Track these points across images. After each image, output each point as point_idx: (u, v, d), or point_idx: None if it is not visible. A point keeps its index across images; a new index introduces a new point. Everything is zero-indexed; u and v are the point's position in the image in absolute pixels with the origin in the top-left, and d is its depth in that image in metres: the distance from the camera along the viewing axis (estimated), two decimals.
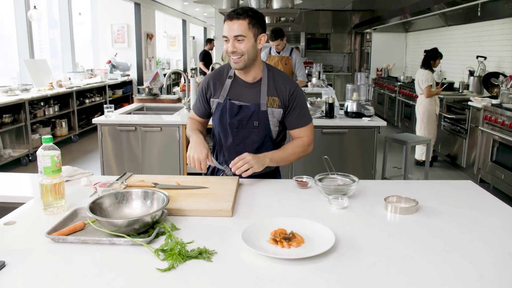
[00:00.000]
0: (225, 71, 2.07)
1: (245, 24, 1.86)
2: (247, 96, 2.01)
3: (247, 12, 1.87)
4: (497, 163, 4.57)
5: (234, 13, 1.87)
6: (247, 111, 1.99)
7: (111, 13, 10.11)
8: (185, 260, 1.18)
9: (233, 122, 2.00)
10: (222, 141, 2.08)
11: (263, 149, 2.03)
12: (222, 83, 2.04)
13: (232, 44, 1.87)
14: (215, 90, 2.05)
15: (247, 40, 1.87)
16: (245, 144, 2.03)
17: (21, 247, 1.27)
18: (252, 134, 2.02)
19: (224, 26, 1.90)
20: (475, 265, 1.19)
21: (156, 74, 5.14)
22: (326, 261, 1.19)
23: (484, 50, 6.10)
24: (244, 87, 2.02)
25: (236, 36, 1.86)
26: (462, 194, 1.80)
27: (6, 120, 5.47)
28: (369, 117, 3.82)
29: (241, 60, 1.89)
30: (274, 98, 2.01)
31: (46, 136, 1.51)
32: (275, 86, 2.01)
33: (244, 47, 1.87)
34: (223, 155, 2.11)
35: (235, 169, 1.84)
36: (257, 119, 2.00)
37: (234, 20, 1.86)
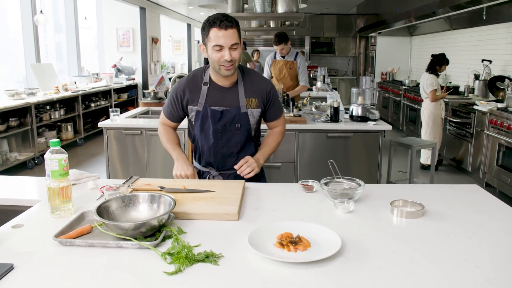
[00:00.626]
0: (198, 77, 2.09)
1: (236, 32, 1.91)
2: (225, 101, 2.06)
3: (234, 20, 1.91)
4: (503, 167, 4.55)
5: (227, 22, 1.88)
6: (228, 115, 2.05)
7: (117, 17, 10.16)
8: (192, 264, 1.18)
9: (217, 128, 2.06)
10: (204, 146, 2.14)
11: (246, 148, 2.14)
12: (198, 89, 2.07)
13: (229, 52, 1.89)
14: (192, 97, 2.08)
15: (239, 48, 1.94)
16: (229, 146, 2.12)
17: (29, 250, 1.27)
18: (235, 136, 2.10)
19: (216, 34, 1.88)
20: (481, 269, 1.18)
21: (162, 78, 5.17)
22: (332, 265, 1.20)
23: (489, 54, 6.09)
24: (222, 92, 2.06)
25: (232, 44, 1.89)
26: (468, 198, 1.80)
27: (12, 123, 5.51)
28: (374, 121, 3.82)
29: (233, 67, 1.95)
30: (252, 99, 2.09)
31: (53, 140, 1.52)
32: (252, 88, 2.09)
33: (237, 54, 1.93)
34: (206, 158, 2.18)
35: (243, 173, 2.03)
36: (239, 121, 2.07)
37: (228, 29, 1.88)
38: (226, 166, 2.17)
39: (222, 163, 2.17)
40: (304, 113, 4.16)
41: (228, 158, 2.15)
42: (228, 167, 2.17)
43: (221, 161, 2.16)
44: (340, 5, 10.99)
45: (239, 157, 2.14)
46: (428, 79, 5.48)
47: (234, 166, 2.07)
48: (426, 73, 5.57)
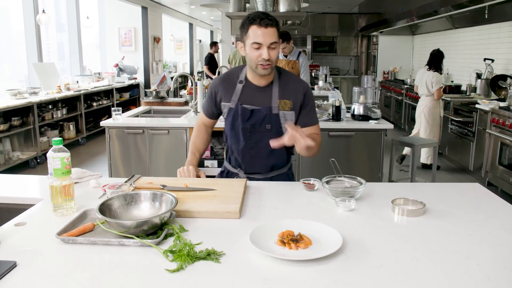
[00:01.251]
0: (234, 75, 2.06)
1: (276, 31, 1.86)
2: (258, 100, 2.00)
3: (275, 19, 1.87)
4: (505, 166, 4.55)
5: (268, 20, 1.83)
6: (259, 115, 1.99)
7: (119, 16, 10.18)
8: (193, 261, 1.19)
9: (246, 127, 2.00)
10: (234, 145, 2.09)
11: (276, 153, 2.04)
12: (233, 87, 2.03)
13: (267, 51, 1.85)
14: (225, 94, 2.04)
15: (278, 47, 1.89)
16: (258, 148, 2.03)
17: (32, 248, 1.28)
18: (265, 138, 1.99)
19: (255, 32, 1.84)
20: (482, 267, 1.19)
21: (163, 77, 5.18)
22: (333, 263, 1.20)
23: (491, 53, 6.07)
24: (256, 91, 2.01)
25: (272, 43, 1.85)
26: (469, 197, 1.80)
27: (15, 123, 5.53)
28: (376, 120, 3.82)
29: (270, 67, 1.90)
30: (285, 101, 2.01)
31: (56, 139, 1.52)
32: (287, 89, 2.02)
33: (275, 54, 1.88)
34: (235, 158, 2.12)
35: (296, 140, 1.77)
36: (270, 122, 2.00)
37: (268, 27, 1.83)
38: (254, 169, 2.10)
39: (251, 165, 2.09)
40: None
41: (256, 160, 2.07)
42: (256, 170, 2.10)
43: (250, 162, 2.08)
44: (342, 4, 10.99)
45: (268, 161, 2.07)
46: (434, 77, 5.44)
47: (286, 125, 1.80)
48: (430, 71, 5.53)
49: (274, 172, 2.13)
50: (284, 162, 2.16)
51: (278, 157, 2.09)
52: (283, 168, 2.16)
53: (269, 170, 2.11)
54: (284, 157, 2.14)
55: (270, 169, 2.11)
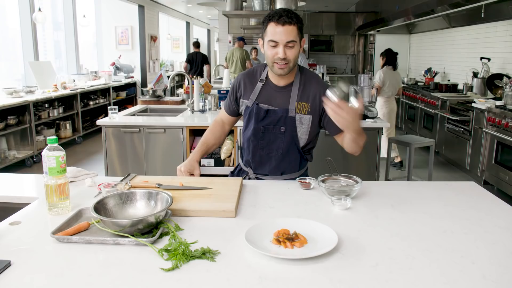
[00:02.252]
0: (257, 73, 2.02)
1: (295, 29, 1.79)
2: (276, 100, 1.95)
3: (296, 16, 1.79)
4: (501, 164, 4.56)
5: (286, 17, 1.76)
6: (274, 116, 1.94)
7: (115, 15, 10.16)
8: (188, 260, 1.19)
9: (259, 127, 1.96)
10: (244, 143, 2.08)
11: (288, 156, 2.00)
12: (253, 85, 2.00)
13: (283, 50, 1.78)
14: (245, 91, 2.01)
15: (296, 46, 1.81)
16: (270, 149, 1.99)
17: (26, 247, 1.28)
18: (278, 140, 1.97)
19: (271, 29, 1.79)
20: (478, 265, 1.19)
21: (160, 76, 5.17)
22: (329, 261, 1.20)
23: (487, 52, 6.09)
24: (275, 91, 1.96)
25: (288, 41, 1.78)
26: (465, 195, 1.80)
27: (10, 121, 5.50)
28: (373, 118, 3.82)
29: (287, 66, 1.83)
30: (303, 103, 1.94)
31: (51, 137, 1.52)
32: (306, 91, 1.95)
33: (293, 53, 1.81)
34: (245, 156, 2.12)
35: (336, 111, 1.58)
36: (284, 125, 1.94)
37: (286, 25, 1.76)
38: (263, 170, 2.05)
39: (260, 165, 2.04)
40: None
41: (266, 161, 2.02)
42: (265, 171, 2.05)
43: (259, 162, 2.04)
44: (339, 3, 10.98)
45: (279, 165, 2.01)
46: (399, 76, 5.69)
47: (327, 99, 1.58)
48: (396, 71, 5.71)
49: (283, 176, 2.06)
50: (296, 168, 2.07)
51: (290, 161, 2.03)
52: (293, 173, 2.07)
53: (279, 173, 2.05)
54: (297, 162, 2.05)
55: (280, 173, 2.05)
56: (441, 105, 6.21)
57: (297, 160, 2.05)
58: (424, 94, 6.99)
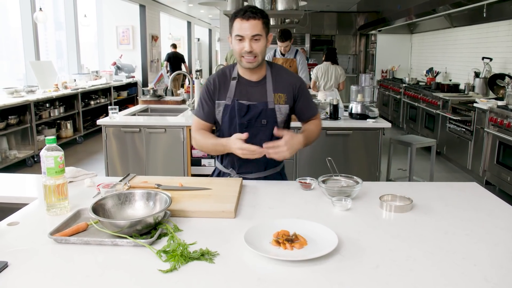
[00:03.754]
0: (227, 72, 2.05)
1: (260, 24, 1.86)
2: (253, 95, 2.00)
3: (261, 11, 1.88)
4: (503, 165, 4.54)
5: (250, 12, 1.85)
6: (255, 110, 1.98)
7: (116, 15, 10.15)
8: (187, 261, 1.18)
9: (242, 122, 1.99)
10: None
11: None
12: (227, 84, 2.02)
13: (249, 43, 1.86)
14: (220, 92, 2.02)
15: (262, 40, 1.89)
16: (253, 143, 1.95)
17: (24, 248, 1.27)
18: (260, 133, 2.00)
19: (237, 25, 1.87)
20: (479, 267, 1.18)
21: (161, 76, 5.16)
22: (328, 263, 1.19)
23: (489, 51, 6.07)
24: (250, 86, 2.01)
25: (254, 35, 1.85)
26: (466, 196, 1.79)
27: (11, 121, 5.50)
28: (374, 118, 3.81)
29: (256, 60, 1.90)
30: (280, 94, 2.01)
31: (49, 137, 1.51)
32: (280, 83, 2.02)
33: (259, 46, 1.88)
34: (229, 157, 2.08)
35: (269, 154, 1.81)
36: (265, 117, 1.99)
37: (250, 20, 1.84)
38: (248, 167, 2.06)
39: (245, 163, 2.04)
40: None
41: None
42: (250, 169, 2.07)
43: (244, 160, 1.98)
44: (341, 2, 10.96)
45: (262, 159, 1.97)
46: (341, 70, 5.88)
47: (263, 144, 1.80)
48: (334, 65, 5.87)
49: (267, 171, 2.11)
50: (278, 161, 2.12)
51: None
52: (276, 167, 2.15)
53: (263, 168, 2.10)
54: None
55: (264, 168, 2.10)
56: (443, 105, 6.19)
57: None
58: (425, 94, 6.97)
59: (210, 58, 18.91)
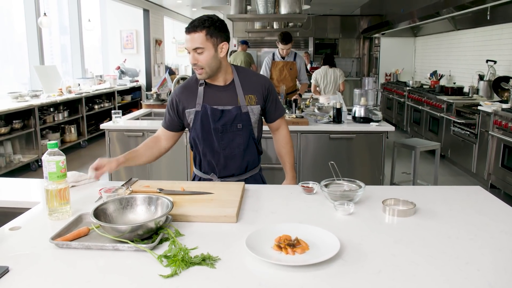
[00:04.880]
0: (193, 81, 2.07)
1: (202, 36, 1.86)
2: (223, 100, 2.01)
3: (203, 23, 1.86)
4: (508, 168, 4.51)
5: (190, 26, 1.87)
6: (229, 115, 1.99)
7: (120, 19, 10.19)
8: (188, 267, 1.17)
9: (217, 127, 2.00)
10: (205, 149, 2.06)
11: (248, 151, 2.08)
12: (194, 92, 2.03)
13: (193, 56, 1.89)
14: (187, 102, 2.03)
15: (206, 52, 1.89)
16: (231, 147, 2.05)
17: (25, 252, 1.27)
18: (237, 137, 2.03)
19: (185, 37, 1.91)
20: (483, 272, 1.16)
21: (164, 80, 5.17)
22: (331, 268, 1.18)
23: (494, 54, 6.05)
24: (218, 91, 2.02)
25: (195, 48, 1.88)
26: (471, 200, 1.77)
27: (16, 125, 5.52)
28: (377, 122, 3.80)
29: (204, 72, 1.93)
30: (251, 96, 2.04)
31: (51, 142, 1.51)
32: (249, 84, 2.05)
33: (204, 58, 1.89)
34: (208, 162, 2.10)
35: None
36: (240, 121, 2.02)
37: (191, 33, 1.87)
38: (228, 171, 2.09)
39: (225, 167, 2.07)
40: (307, 115, 4.15)
41: (231, 161, 2.06)
42: (231, 172, 2.09)
43: (224, 164, 2.07)
44: (344, 6, 10.96)
45: (242, 161, 2.08)
46: (340, 71, 6.01)
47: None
48: (332, 68, 6.01)
49: (247, 173, 2.14)
50: (256, 161, 2.18)
51: (251, 155, 2.12)
52: (255, 169, 2.19)
53: (244, 170, 2.12)
54: (256, 155, 2.16)
55: (245, 169, 2.12)
56: (447, 108, 6.17)
57: (256, 153, 2.16)
58: (429, 97, 6.94)
59: None
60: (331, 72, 6.01)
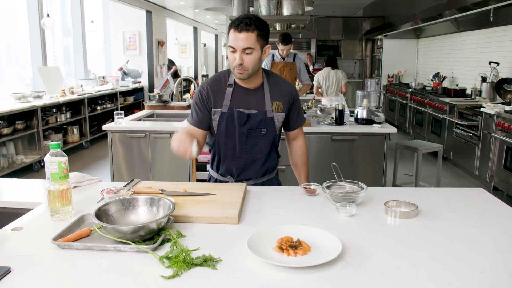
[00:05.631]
0: (222, 79, 1.99)
1: (254, 36, 1.80)
2: (250, 103, 1.96)
3: (255, 23, 1.80)
4: (511, 170, 4.50)
5: (243, 24, 1.78)
6: (255, 119, 1.95)
7: (123, 20, 10.21)
8: (189, 268, 1.17)
9: (242, 131, 1.95)
10: (227, 152, 2.01)
11: (270, 156, 2.05)
12: (223, 91, 1.96)
13: (240, 56, 1.81)
14: (216, 99, 1.95)
15: (255, 53, 1.82)
16: (253, 153, 2.00)
17: (27, 253, 1.27)
18: (260, 142, 1.99)
19: (231, 35, 1.82)
20: (486, 275, 1.16)
21: (166, 81, 5.17)
22: (332, 270, 1.18)
23: (496, 56, 6.03)
24: (246, 94, 1.97)
25: (245, 48, 1.80)
26: (473, 202, 1.77)
27: (18, 126, 5.54)
28: (379, 123, 3.79)
29: (246, 73, 1.86)
30: (277, 102, 2.00)
31: (53, 143, 1.51)
32: (277, 90, 2.00)
33: (251, 60, 1.82)
34: (226, 165, 2.05)
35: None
36: (265, 127, 1.97)
37: (243, 32, 1.78)
38: (247, 175, 2.05)
39: (244, 170, 2.04)
40: (309, 116, 4.14)
41: (251, 165, 2.03)
42: (249, 176, 2.05)
43: (244, 168, 2.03)
44: (346, 7, 10.96)
45: (263, 165, 2.04)
46: (342, 73, 6.05)
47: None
48: (335, 70, 6.05)
49: (264, 177, 2.10)
50: (275, 166, 2.15)
51: (271, 161, 2.09)
52: (272, 173, 2.15)
53: (261, 174, 2.08)
54: (276, 160, 2.14)
55: (262, 173, 2.09)
56: (449, 110, 6.16)
57: (276, 159, 2.13)
58: (432, 99, 6.93)
59: (216, 63, 18.96)
60: (333, 74, 6.03)
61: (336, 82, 6.02)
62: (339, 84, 6.03)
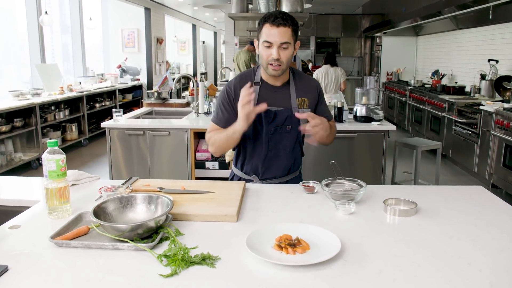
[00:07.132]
0: (248, 77, 1.99)
1: (290, 31, 1.81)
2: (276, 100, 1.96)
3: (291, 19, 1.82)
4: (510, 168, 4.50)
5: (280, 19, 1.79)
6: (281, 116, 1.96)
7: (122, 18, 10.18)
8: (188, 266, 1.16)
9: (269, 129, 1.96)
10: (252, 149, 2.02)
11: (293, 153, 2.05)
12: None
13: (277, 51, 1.81)
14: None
15: (290, 48, 1.84)
16: (277, 149, 2.01)
17: (24, 251, 1.26)
18: (285, 139, 2.00)
19: (267, 30, 1.82)
20: (485, 273, 1.16)
21: (165, 79, 5.16)
22: (331, 268, 1.17)
23: (496, 54, 6.03)
24: (272, 91, 1.97)
25: (282, 43, 1.81)
26: (472, 200, 1.77)
27: (17, 124, 5.52)
28: (378, 121, 3.79)
29: (281, 68, 1.87)
30: (303, 99, 2.00)
31: (51, 140, 1.51)
32: (303, 87, 2.01)
33: (286, 55, 1.84)
34: (252, 164, 2.05)
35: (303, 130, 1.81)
36: (290, 123, 1.98)
37: (281, 27, 1.79)
38: (271, 172, 2.04)
39: (268, 168, 2.03)
40: None
41: (275, 163, 2.02)
42: (273, 174, 2.05)
43: (268, 166, 2.03)
44: (346, 5, 10.95)
45: (287, 163, 2.04)
46: (341, 70, 6.12)
47: (296, 114, 1.81)
48: (334, 67, 6.10)
49: (289, 176, 2.10)
50: (299, 163, 2.14)
51: (296, 157, 2.09)
52: (296, 172, 2.14)
53: (286, 173, 2.08)
54: (300, 158, 2.13)
55: (287, 172, 2.08)
56: (449, 108, 6.16)
57: (300, 156, 2.13)
58: (431, 97, 6.93)
59: (215, 60, 18.93)
60: (332, 71, 6.03)
61: (335, 80, 6.02)
62: (338, 81, 6.03)
